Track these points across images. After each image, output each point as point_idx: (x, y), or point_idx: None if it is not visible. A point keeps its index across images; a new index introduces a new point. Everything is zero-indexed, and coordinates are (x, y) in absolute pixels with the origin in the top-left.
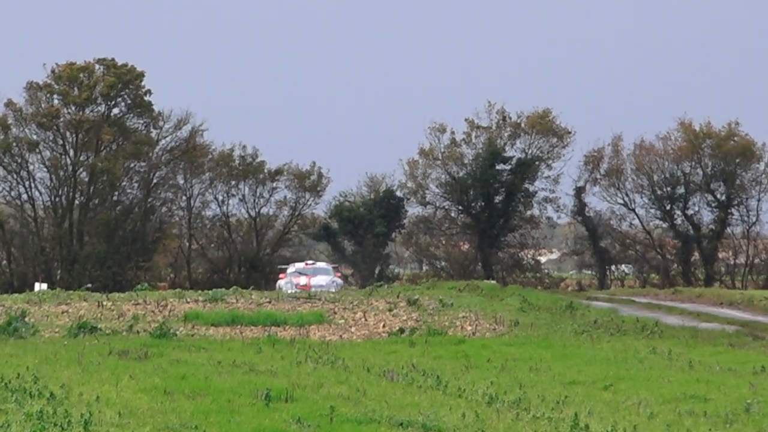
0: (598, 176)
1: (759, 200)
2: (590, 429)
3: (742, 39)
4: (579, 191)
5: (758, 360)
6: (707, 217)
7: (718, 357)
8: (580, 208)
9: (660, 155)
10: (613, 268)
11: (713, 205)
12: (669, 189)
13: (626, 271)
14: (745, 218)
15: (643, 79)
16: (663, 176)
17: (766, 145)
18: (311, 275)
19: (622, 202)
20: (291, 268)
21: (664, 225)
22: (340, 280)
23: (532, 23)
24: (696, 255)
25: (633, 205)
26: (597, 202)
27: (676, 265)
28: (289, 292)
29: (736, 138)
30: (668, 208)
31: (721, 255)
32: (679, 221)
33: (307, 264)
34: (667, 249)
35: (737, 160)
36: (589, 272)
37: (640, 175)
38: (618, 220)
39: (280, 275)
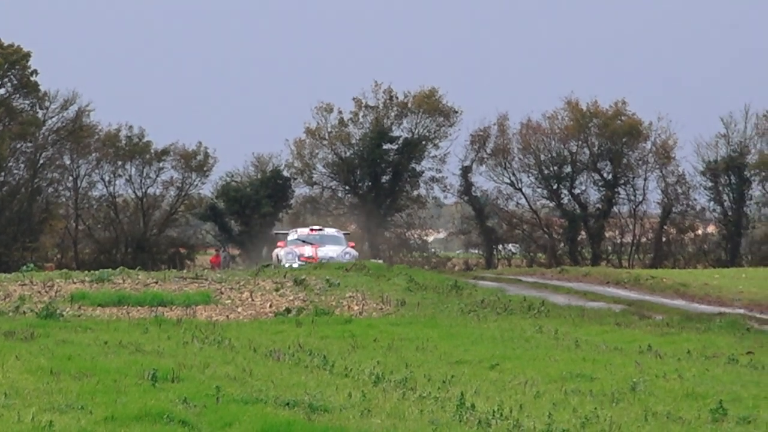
0: (485, 156)
1: (645, 179)
2: (476, 408)
3: (629, 19)
4: (466, 171)
5: (644, 339)
6: (594, 196)
7: (604, 336)
8: (467, 188)
9: (547, 134)
10: (500, 247)
11: (600, 184)
12: (556, 168)
13: (513, 250)
14: (632, 197)
15: (529, 58)
16: (550, 155)
17: (653, 125)
18: (318, 244)
19: (508, 181)
20: (292, 235)
21: (551, 204)
22: (353, 251)
23: (417, 1)
24: (583, 234)
25: (520, 185)
26: (484, 181)
27: (563, 244)
28: (291, 265)
29: (623, 117)
30: (555, 187)
31: (607, 234)
32: (565, 200)
33: (312, 230)
34: (554, 228)
35: (624, 140)
36: (476, 252)
37: (527, 154)
38: (505, 200)
39: (279, 243)
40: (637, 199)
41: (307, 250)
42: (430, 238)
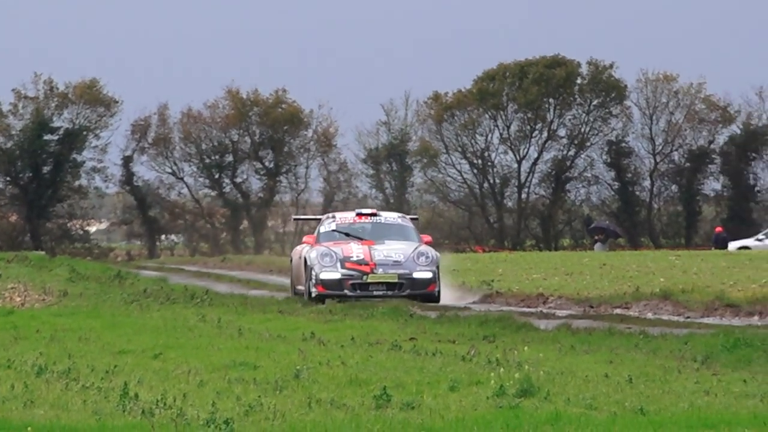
0: (146, 145)
1: (307, 167)
2: (140, 398)
3: (285, 8)
4: (127, 160)
5: (308, 326)
6: (256, 185)
7: (267, 324)
8: (129, 178)
9: (208, 123)
10: (162, 237)
11: (262, 173)
12: (217, 157)
13: (176, 240)
14: (294, 186)
15: (188, 47)
16: (211, 145)
17: (314, 112)
18: (372, 240)
19: (170, 171)
20: (327, 224)
21: (213, 193)
22: (432, 252)
23: None
24: (245, 223)
25: (182, 174)
26: (146, 171)
27: (225, 233)
28: (328, 276)
29: (283, 105)
30: (217, 176)
31: (270, 223)
32: (228, 190)
33: (360, 216)
34: (216, 217)
35: (285, 128)
36: (139, 242)
37: (188, 143)
38: (167, 189)
39: (305, 239)
40: (300, 187)
41: (356, 250)
42: (93, 229)
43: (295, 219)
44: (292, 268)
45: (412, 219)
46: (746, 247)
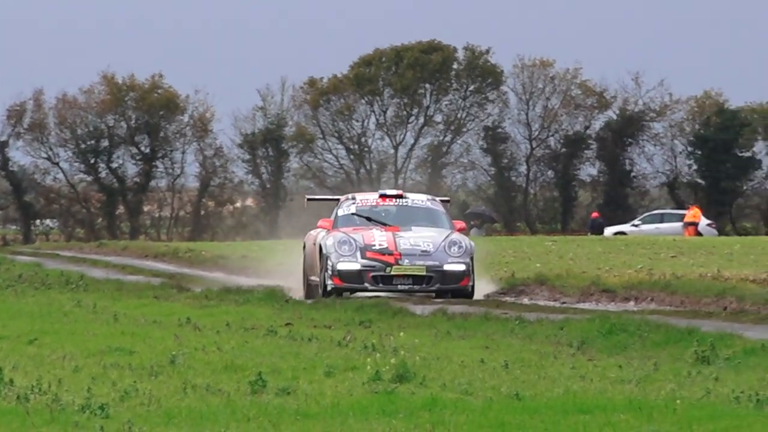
0: (21, 130)
1: (183, 153)
2: (15, 383)
3: None
4: (2, 146)
5: (183, 312)
6: (132, 170)
7: (143, 309)
8: (4, 163)
9: (84, 109)
10: (38, 222)
11: (138, 158)
12: (93, 142)
13: (51, 225)
14: (170, 171)
15: (64, 32)
16: (87, 130)
17: (190, 97)
18: (397, 225)
19: (46, 156)
20: (346, 207)
21: (89, 178)
22: (466, 240)
23: None
24: (121, 208)
25: (57, 159)
26: (21, 156)
27: (101, 218)
28: (346, 267)
29: (160, 90)
30: (93, 161)
31: (146, 208)
32: (104, 175)
33: (384, 198)
34: (92, 203)
35: (161, 113)
36: (14, 227)
37: (64, 129)
38: (42, 175)
39: (320, 223)
40: (176, 172)
41: (379, 238)
42: None
43: (308, 199)
44: (305, 256)
45: (442, 201)
46: (622, 233)
